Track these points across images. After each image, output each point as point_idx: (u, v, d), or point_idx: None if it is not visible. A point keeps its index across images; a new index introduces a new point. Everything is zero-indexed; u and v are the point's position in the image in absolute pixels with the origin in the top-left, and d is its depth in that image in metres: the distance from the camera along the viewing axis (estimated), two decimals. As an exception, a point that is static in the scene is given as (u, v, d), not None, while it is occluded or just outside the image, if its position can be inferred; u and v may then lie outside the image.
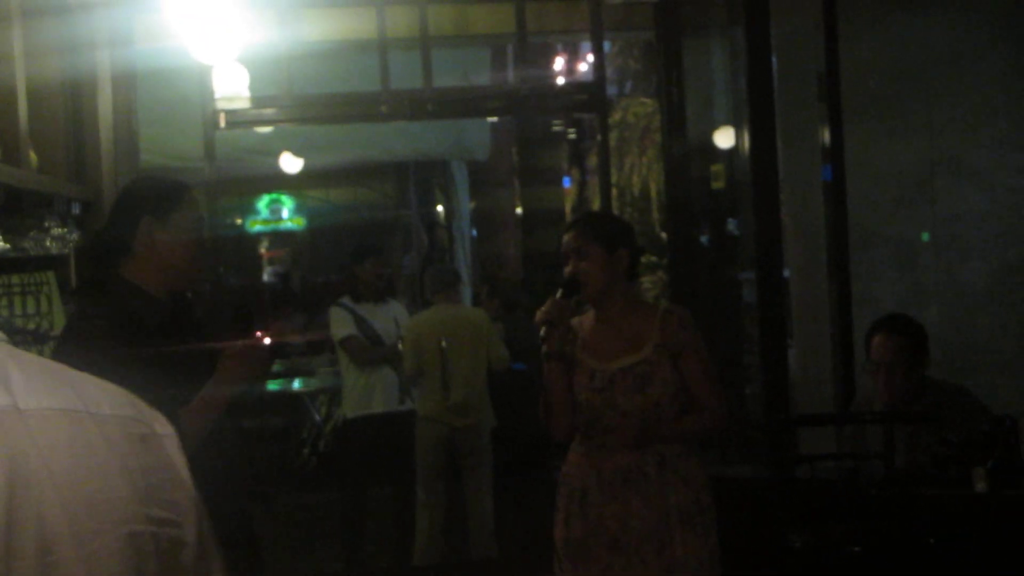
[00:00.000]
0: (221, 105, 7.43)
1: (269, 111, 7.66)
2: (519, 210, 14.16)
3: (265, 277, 17.99)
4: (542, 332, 4.50)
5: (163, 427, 2.01)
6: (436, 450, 8.27)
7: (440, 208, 14.51)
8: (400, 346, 8.30)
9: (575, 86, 9.24)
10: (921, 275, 8.00)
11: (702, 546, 4.49)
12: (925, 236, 8.12)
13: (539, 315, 4.52)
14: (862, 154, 7.53)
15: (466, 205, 13.40)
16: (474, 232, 14.24)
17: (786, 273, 7.52)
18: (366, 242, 9.27)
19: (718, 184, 8.26)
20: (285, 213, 17.36)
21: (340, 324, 8.47)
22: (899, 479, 4.79)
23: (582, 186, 13.01)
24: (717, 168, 8.29)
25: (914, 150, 7.97)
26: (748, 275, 8.13)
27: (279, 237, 18.27)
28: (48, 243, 5.82)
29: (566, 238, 4.66)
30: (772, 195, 6.92)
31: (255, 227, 17.34)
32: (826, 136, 7.23)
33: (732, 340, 8.41)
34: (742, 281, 8.50)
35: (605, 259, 4.57)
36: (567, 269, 4.60)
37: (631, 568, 4.48)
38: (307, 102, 7.71)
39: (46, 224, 5.80)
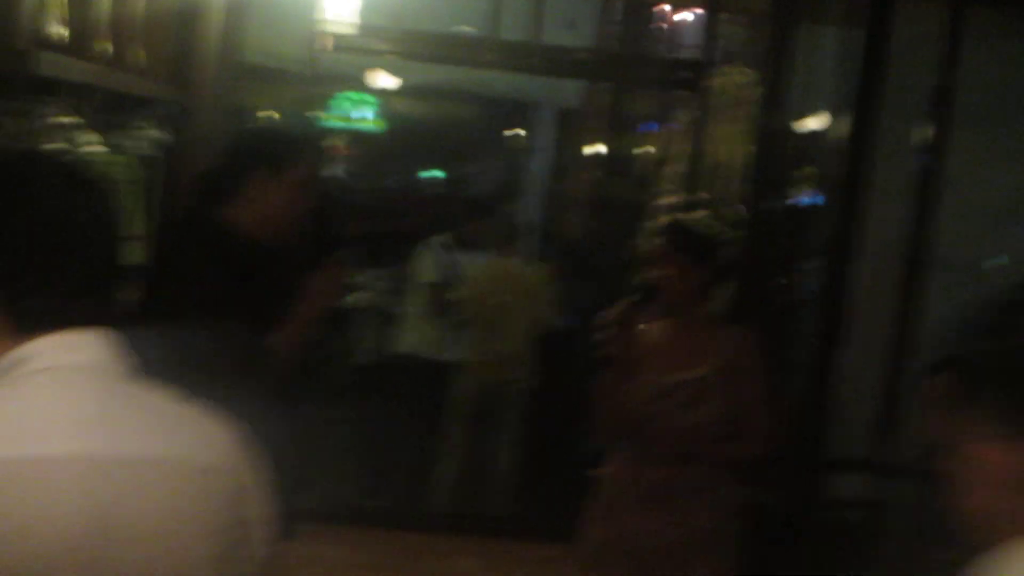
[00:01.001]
0: (330, 28, 7.44)
1: (376, 41, 7.68)
2: (601, 153, 14.06)
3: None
4: (603, 335, 4.50)
5: (253, 478, 2.10)
6: (468, 401, 8.30)
7: (521, 143, 14.48)
8: (450, 294, 8.32)
9: (681, 62, 9.17)
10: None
11: (721, 573, 4.50)
12: (1004, 259, 8.03)
13: (606, 316, 4.53)
14: (954, 172, 7.43)
15: (551, 147, 13.38)
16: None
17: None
18: (487, 199, 9.24)
19: (808, 186, 8.20)
20: (367, 114, 17.41)
21: (426, 268, 8.52)
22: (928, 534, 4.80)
23: (668, 139, 12.78)
24: (810, 171, 8.24)
25: (1007, 178, 7.88)
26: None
27: (357, 136, 18.35)
28: (145, 145, 5.87)
29: (655, 242, 4.66)
30: (857, 196, 6.90)
31: (332, 122, 17.38)
32: (929, 148, 7.14)
33: (785, 331, 8.37)
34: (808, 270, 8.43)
35: (686, 271, 4.57)
36: (647, 274, 4.60)
37: None
38: (415, 38, 7.71)
39: (143, 125, 5.85)
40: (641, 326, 4.66)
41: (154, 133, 5.93)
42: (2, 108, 4.08)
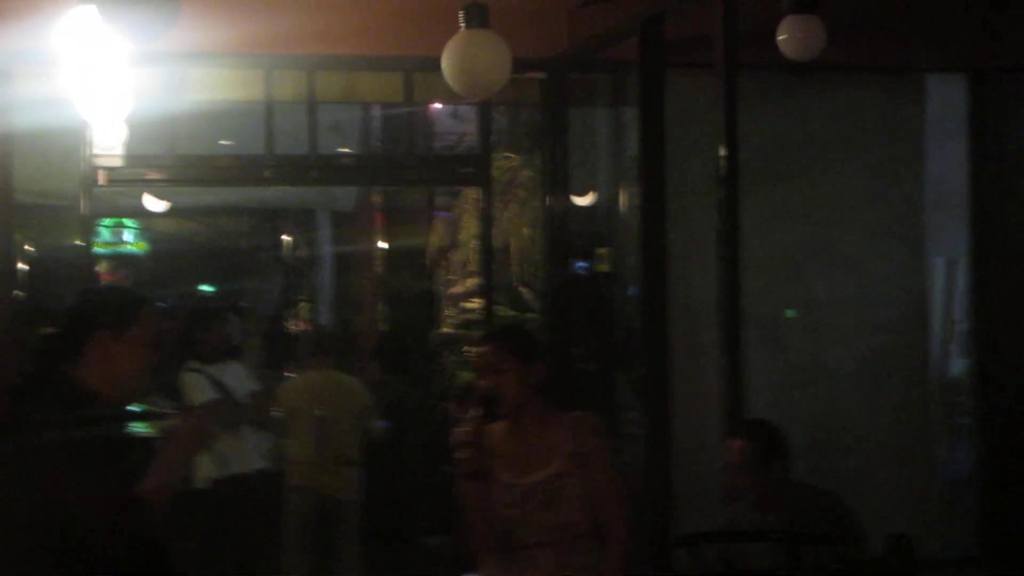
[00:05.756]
0: (101, 162, 7.29)
1: (151, 171, 7.55)
2: (381, 251, 14.06)
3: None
4: (460, 454, 4.48)
5: None
6: (305, 518, 8.17)
7: (301, 253, 14.40)
8: (272, 411, 8.21)
9: (461, 159, 9.26)
10: (792, 358, 8.15)
11: None
12: (790, 312, 8.27)
13: (459, 435, 4.50)
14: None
15: (329, 252, 13.32)
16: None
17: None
18: (207, 306, 9.19)
19: (603, 267, 8.32)
20: (127, 236, 17.17)
21: (200, 388, 8.29)
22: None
23: (447, 228, 12.82)
24: (603, 251, 8.36)
25: (789, 233, 8.13)
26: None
27: (120, 260, 18.09)
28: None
29: (482, 351, 4.65)
30: (660, 270, 6.99)
31: (95, 249, 17.05)
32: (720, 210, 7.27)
33: (609, 404, 8.42)
34: (620, 339, 8.51)
35: (521, 373, 4.56)
36: (482, 383, 4.58)
37: None
38: (190, 163, 7.59)
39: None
40: (489, 434, 4.62)
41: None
42: None
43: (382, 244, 13.68)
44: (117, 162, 7.40)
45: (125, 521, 3.62)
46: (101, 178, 7.31)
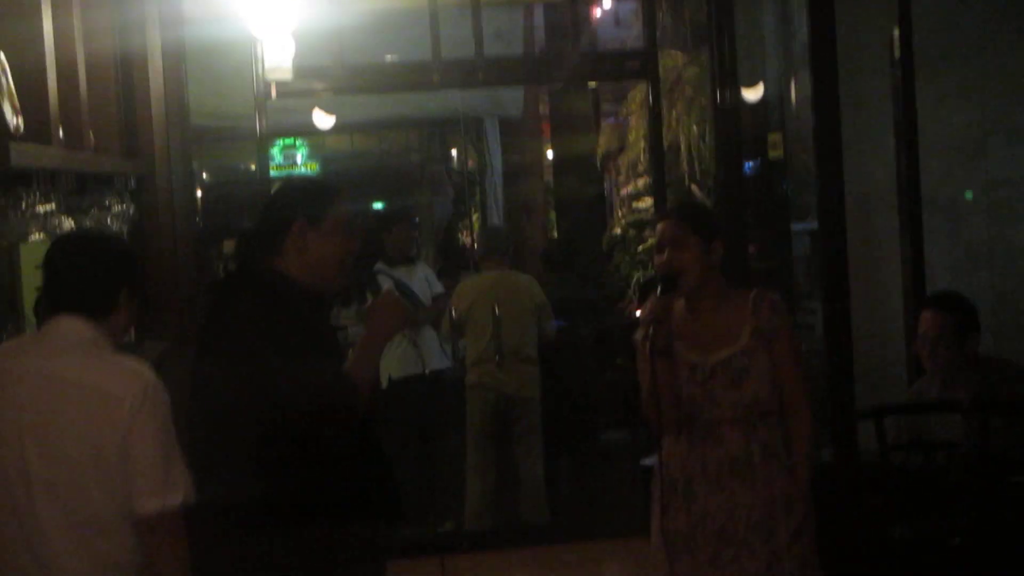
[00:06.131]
0: (271, 76, 7.37)
1: (321, 82, 7.62)
2: (549, 157, 14.05)
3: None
4: (645, 332, 4.48)
5: (145, 413, 3.49)
6: (486, 416, 8.29)
7: (471, 163, 14.44)
8: (453, 312, 8.31)
9: (626, 53, 9.18)
10: (973, 239, 7.99)
11: (803, 532, 4.51)
12: (968, 195, 8.10)
13: (644, 314, 4.50)
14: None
15: (499, 161, 13.34)
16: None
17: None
18: (393, 207, 9.28)
19: (776, 152, 8.19)
20: (299, 158, 17.40)
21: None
22: (990, 468, 4.81)
23: (615, 131, 12.78)
24: (774, 137, 8.23)
25: (965, 112, 7.93)
26: (800, 226, 8.10)
27: (294, 178, 18.30)
28: (109, 221, 5.82)
29: (662, 227, 4.63)
30: (836, 157, 6.89)
31: (269, 173, 17.26)
32: (895, 94, 7.14)
33: (785, 294, 8.34)
34: (794, 233, 8.41)
35: (702, 250, 4.55)
36: (661, 258, 4.57)
37: (739, 558, 4.51)
38: (358, 72, 7.65)
39: (107, 202, 5.79)
40: (671, 312, 4.62)
41: (117, 208, 5.88)
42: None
43: (551, 150, 13.67)
44: (287, 75, 7.46)
45: (338, 399, 3.76)
46: (273, 93, 7.38)
